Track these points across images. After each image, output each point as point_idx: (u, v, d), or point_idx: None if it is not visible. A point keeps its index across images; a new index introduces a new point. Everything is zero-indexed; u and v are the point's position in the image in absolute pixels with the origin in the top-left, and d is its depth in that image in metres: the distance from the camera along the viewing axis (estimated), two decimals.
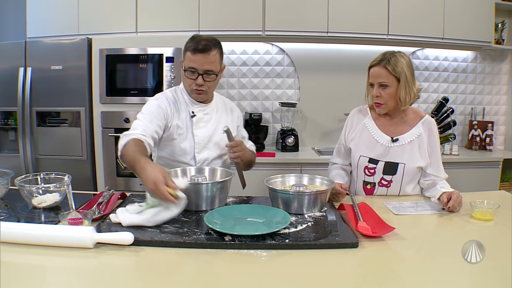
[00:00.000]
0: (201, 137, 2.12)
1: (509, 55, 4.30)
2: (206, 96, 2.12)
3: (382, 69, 2.00)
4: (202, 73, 1.98)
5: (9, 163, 3.44)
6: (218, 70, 2.04)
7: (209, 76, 2.01)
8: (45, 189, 1.77)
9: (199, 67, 1.97)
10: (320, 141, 4.18)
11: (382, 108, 2.08)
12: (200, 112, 2.13)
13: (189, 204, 1.70)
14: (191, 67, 1.98)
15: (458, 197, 1.83)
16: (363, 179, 2.16)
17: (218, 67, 2.03)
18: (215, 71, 2.02)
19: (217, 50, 2.01)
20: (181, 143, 2.10)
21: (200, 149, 2.13)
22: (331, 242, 1.41)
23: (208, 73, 2.00)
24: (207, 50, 1.95)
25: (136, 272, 1.26)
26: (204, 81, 2.00)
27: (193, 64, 1.97)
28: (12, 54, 3.41)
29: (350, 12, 3.67)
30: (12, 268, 1.21)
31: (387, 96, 2.03)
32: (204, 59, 1.96)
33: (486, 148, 4.10)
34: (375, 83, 2.04)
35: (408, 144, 2.08)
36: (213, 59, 1.98)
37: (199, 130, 2.12)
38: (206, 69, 1.98)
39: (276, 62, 4.09)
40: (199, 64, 1.96)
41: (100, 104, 3.44)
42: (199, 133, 2.12)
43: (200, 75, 1.99)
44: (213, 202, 1.75)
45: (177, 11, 3.61)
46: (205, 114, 2.15)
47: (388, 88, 2.01)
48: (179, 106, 2.12)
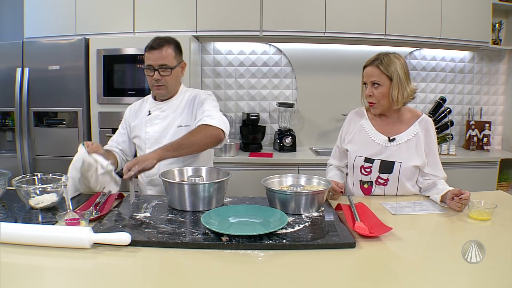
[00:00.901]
0: (151, 133, 2.25)
1: (507, 55, 4.32)
2: (165, 92, 2.24)
3: (375, 68, 2.05)
4: (157, 68, 2.14)
5: (6, 164, 3.43)
6: (174, 65, 2.19)
7: (165, 71, 2.16)
8: (42, 190, 1.76)
9: (154, 62, 2.14)
10: (317, 141, 4.19)
11: (376, 108, 2.11)
12: (157, 110, 2.27)
13: (186, 204, 1.71)
14: (148, 65, 2.16)
15: (469, 195, 1.81)
16: (360, 178, 2.17)
17: (174, 62, 2.18)
18: (170, 65, 2.16)
19: (171, 46, 2.18)
20: (136, 140, 2.32)
21: (151, 144, 2.22)
22: (329, 242, 1.41)
23: (162, 67, 2.15)
24: (159, 47, 2.14)
25: (133, 273, 1.26)
26: (160, 76, 2.15)
27: (149, 61, 2.15)
28: (10, 55, 3.41)
29: (348, 13, 3.68)
30: (9, 269, 1.20)
31: (379, 95, 2.06)
32: (158, 55, 2.13)
33: (484, 148, 4.11)
34: (368, 82, 2.08)
35: (405, 143, 2.10)
36: (165, 54, 2.14)
37: (151, 127, 2.26)
38: (160, 64, 2.14)
39: (274, 63, 4.09)
40: (153, 60, 2.14)
41: (98, 105, 3.44)
42: (150, 129, 2.26)
43: (155, 70, 2.14)
44: (210, 202, 1.75)
45: (174, 12, 3.61)
46: (161, 111, 2.26)
47: (381, 87, 2.05)
48: (140, 110, 2.33)
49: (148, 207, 1.76)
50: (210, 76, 4.09)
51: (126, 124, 2.37)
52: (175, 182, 1.79)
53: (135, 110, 2.35)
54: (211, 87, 4.09)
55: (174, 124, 2.23)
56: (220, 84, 4.10)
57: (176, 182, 1.79)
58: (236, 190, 2.26)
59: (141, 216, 1.65)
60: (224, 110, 4.13)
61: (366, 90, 2.10)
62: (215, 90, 4.09)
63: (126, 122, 2.37)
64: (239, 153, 3.73)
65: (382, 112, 2.14)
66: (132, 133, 2.33)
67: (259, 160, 3.56)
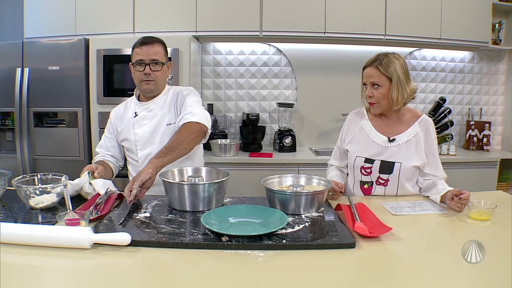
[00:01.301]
0: (140, 134, 2.25)
1: (506, 55, 4.32)
2: (154, 87, 2.25)
3: (374, 69, 2.05)
4: (149, 63, 2.17)
5: (6, 164, 3.43)
6: (164, 62, 2.23)
7: (156, 66, 2.19)
8: (42, 190, 1.76)
9: (146, 57, 2.16)
10: (317, 141, 4.19)
11: (376, 108, 2.11)
12: (143, 111, 2.27)
13: (186, 204, 1.71)
14: (138, 60, 2.18)
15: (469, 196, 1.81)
16: (360, 179, 2.17)
17: (164, 59, 2.23)
18: (161, 61, 2.20)
19: (160, 44, 2.23)
20: (125, 143, 2.32)
21: (142, 146, 2.25)
22: (328, 242, 1.41)
23: (154, 62, 2.18)
24: (151, 42, 2.19)
25: (133, 273, 1.26)
26: (151, 71, 2.18)
27: (140, 56, 2.17)
28: (10, 55, 3.41)
29: (347, 13, 3.68)
30: (9, 269, 1.20)
31: (379, 96, 2.06)
32: (150, 50, 2.17)
33: (484, 148, 4.11)
34: (367, 83, 2.09)
35: (405, 143, 2.10)
36: (157, 50, 2.19)
37: (139, 128, 2.26)
38: (152, 59, 2.17)
39: (274, 63, 4.09)
40: (145, 54, 2.16)
41: (97, 105, 3.43)
42: (139, 130, 2.26)
43: (147, 65, 2.17)
44: (210, 202, 1.75)
45: (174, 12, 3.61)
46: (148, 111, 2.27)
47: (380, 88, 2.05)
48: (126, 113, 2.33)
49: (148, 207, 1.76)
50: (210, 76, 4.09)
51: (112, 128, 2.35)
52: (175, 182, 1.79)
53: (120, 114, 2.35)
54: (211, 87, 4.10)
55: (163, 122, 2.24)
56: (220, 84, 4.10)
57: (176, 182, 1.79)
58: (236, 190, 2.26)
59: (141, 216, 1.65)
60: (224, 110, 4.14)
61: (366, 91, 2.10)
62: (215, 90, 4.10)
63: (112, 127, 2.35)
64: (239, 153, 3.73)
65: (382, 112, 2.15)
66: (120, 136, 2.32)
67: (259, 160, 3.56)
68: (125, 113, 2.33)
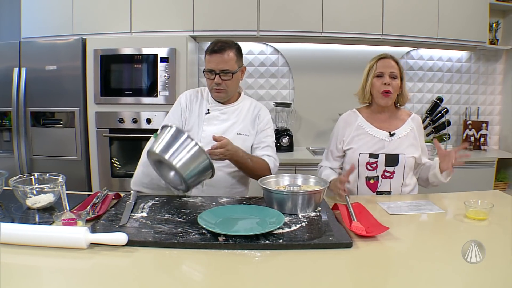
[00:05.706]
0: (208, 132, 2.17)
1: (503, 55, 4.33)
2: (225, 95, 2.21)
3: (393, 61, 2.17)
4: (218, 73, 2.11)
5: (3, 164, 3.43)
6: (235, 70, 2.15)
7: (226, 75, 2.13)
8: (39, 190, 1.76)
9: (215, 67, 2.11)
10: (314, 141, 4.19)
11: (389, 98, 2.17)
12: (216, 111, 2.23)
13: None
14: (209, 68, 2.13)
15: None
16: (366, 175, 2.20)
17: (235, 66, 2.15)
18: (231, 70, 2.13)
19: (233, 50, 2.14)
20: None
21: (205, 144, 2.10)
22: (325, 242, 1.41)
23: (224, 72, 2.11)
24: (221, 51, 2.10)
25: (130, 273, 1.25)
26: (221, 80, 2.13)
27: (210, 65, 2.12)
28: (6, 55, 3.40)
29: (345, 13, 3.68)
30: (6, 269, 1.20)
31: (396, 86, 2.16)
32: (219, 59, 2.10)
33: (481, 148, 4.12)
34: (386, 72, 2.15)
35: (404, 136, 2.20)
36: (227, 59, 2.10)
37: (209, 126, 2.21)
38: (222, 69, 2.11)
39: (271, 62, 4.10)
40: (215, 64, 2.11)
41: (95, 105, 3.43)
42: (208, 129, 2.20)
43: (217, 74, 2.12)
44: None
45: (171, 12, 3.61)
46: (222, 113, 2.23)
47: (396, 80, 2.15)
48: (200, 102, 2.27)
49: (145, 207, 1.76)
50: None
51: (183, 113, 2.25)
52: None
53: (191, 100, 2.28)
54: None
55: (233, 130, 2.20)
56: None
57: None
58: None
59: (138, 216, 1.65)
60: None
61: (383, 79, 2.15)
62: None
63: (183, 112, 2.26)
64: None
65: (386, 105, 2.20)
66: (187, 125, 2.24)
67: None
68: (196, 103, 2.27)
